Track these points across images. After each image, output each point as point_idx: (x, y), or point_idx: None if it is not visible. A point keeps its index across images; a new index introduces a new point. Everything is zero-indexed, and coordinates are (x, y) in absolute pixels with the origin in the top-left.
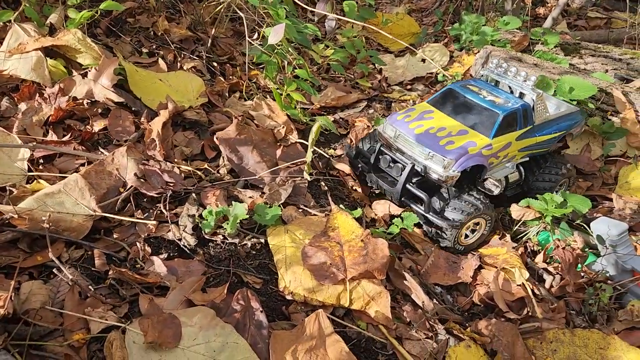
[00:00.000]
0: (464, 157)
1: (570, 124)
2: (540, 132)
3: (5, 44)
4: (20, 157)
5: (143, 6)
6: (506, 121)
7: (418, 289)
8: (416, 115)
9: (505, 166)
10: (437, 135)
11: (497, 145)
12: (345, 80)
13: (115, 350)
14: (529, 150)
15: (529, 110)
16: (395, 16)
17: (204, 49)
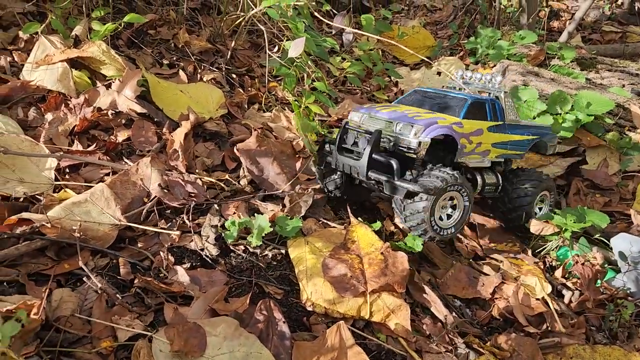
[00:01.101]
0: (434, 126)
1: (541, 132)
2: (512, 130)
3: (32, 55)
4: (47, 166)
5: (164, 18)
6: (475, 107)
7: (438, 302)
8: (382, 106)
9: (482, 159)
10: (406, 112)
11: (468, 126)
12: (362, 93)
13: (142, 358)
14: (502, 149)
15: (498, 105)
16: (411, 29)
17: (224, 61)
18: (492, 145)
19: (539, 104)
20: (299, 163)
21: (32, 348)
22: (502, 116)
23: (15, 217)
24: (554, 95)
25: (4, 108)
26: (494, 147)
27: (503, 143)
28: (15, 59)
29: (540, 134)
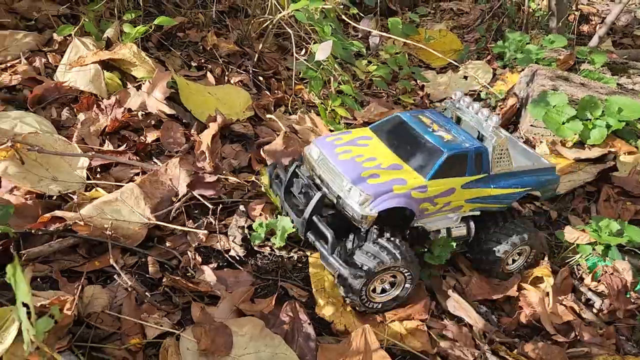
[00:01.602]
0: (386, 196)
1: (538, 181)
2: (496, 183)
3: (66, 56)
4: (79, 165)
5: (192, 21)
6: (451, 163)
7: (469, 309)
8: (349, 140)
9: (448, 217)
10: (363, 166)
11: (434, 189)
12: (388, 96)
13: (170, 356)
14: (480, 203)
15: (485, 155)
16: (438, 33)
17: (251, 63)
18: (466, 201)
19: (569, 109)
20: None
21: (65, 343)
22: (487, 168)
23: (49, 215)
24: (584, 100)
25: (39, 108)
26: (468, 203)
27: (482, 198)
28: (49, 61)
29: (536, 183)
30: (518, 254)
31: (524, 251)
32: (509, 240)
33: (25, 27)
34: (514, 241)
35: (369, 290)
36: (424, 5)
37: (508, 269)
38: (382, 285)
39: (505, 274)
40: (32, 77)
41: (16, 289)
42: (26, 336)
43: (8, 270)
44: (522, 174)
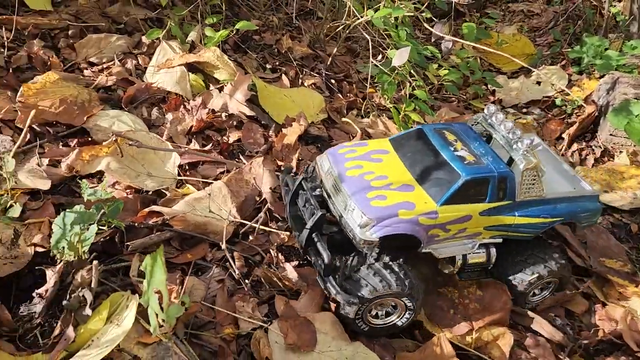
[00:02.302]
0: (389, 221)
1: (574, 211)
2: (522, 211)
3: (154, 59)
4: (171, 162)
5: (267, 24)
6: (468, 187)
7: (543, 322)
8: (363, 153)
9: (463, 243)
10: (371, 185)
11: (446, 215)
12: (458, 101)
13: (262, 347)
14: (501, 231)
15: (511, 181)
16: (511, 37)
17: (323, 66)
18: (484, 229)
19: None
20: None
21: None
22: (513, 194)
23: (148, 209)
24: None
25: (132, 107)
26: (487, 230)
27: (504, 226)
28: (139, 62)
29: (570, 214)
30: (543, 287)
31: (551, 284)
32: (535, 271)
33: (116, 30)
34: (540, 273)
35: (366, 314)
36: (492, 6)
37: (531, 301)
38: (383, 309)
39: (530, 304)
40: (124, 78)
41: (152, 277)
42: (154, 320)
43: (147, 259)
44: (555, 201)
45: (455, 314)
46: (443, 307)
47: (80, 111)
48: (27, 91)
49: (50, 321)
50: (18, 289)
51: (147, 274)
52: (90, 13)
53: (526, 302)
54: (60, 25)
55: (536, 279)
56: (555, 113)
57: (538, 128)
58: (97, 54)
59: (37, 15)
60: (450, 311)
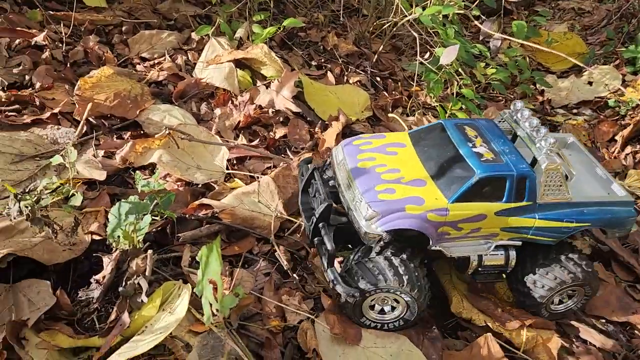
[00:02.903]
0: (395, 215)
1: (605, 218)
2: (543, 214)
3: (203, 54)
4: (219, 156)
5: (313, 21)
6: (483, 185)
7: (591, 331)
8: (379, 145)
9: (478, 243)
10: (382, 177)
11: (458, 213)
12: (506, 101)
13: (309, 338)
14: (520, 234)
15: (531, 181)
16: (562, 35)
17: (369, 63)
18: (501, 230)
19: None
20: None
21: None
22: (533, 196)
23: (198, 202)
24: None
25: (182, 102)
26: (505, 232)
27: (523, 228)
28: (189, 58)
29: (600, 220)
30: (568, 295)
31: (576, 292)
32: (556, 277)
33: (167, 26)
34: (561, 279)
35: (366, 307)
36: (541, 4)
37: (553, 309)
38: (383, 305)
39: (551, 314)
40: (175, 73)
41: (207, 267)
42: (207, 310)
43: (203, 250)
44: (583, 205)
45: (503, 312)
46: (489, 306)
47: (133, 105)
48: (84, 85)
49: (106, 306)
50: (76, 275)
51: (202, 264)
52: (143, 10)
53: (548, 310)
54: (114, 21)
55: (557, 286)
56: (607, 114)
57: (589, 129)
58: (149, 49)
59: (93, 12)
60: (499, 309)
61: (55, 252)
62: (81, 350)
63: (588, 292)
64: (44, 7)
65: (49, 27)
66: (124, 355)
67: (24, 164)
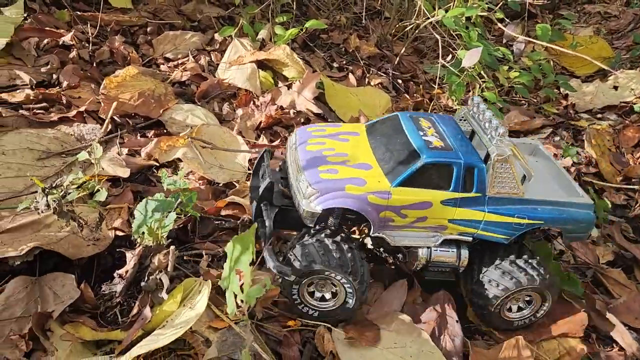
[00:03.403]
0: (335, 194)
1: (560, 217)
2: (494, 208)
3: (226, 55)
4: (241, 156)
5: (335, 23)
6: (428, 171)
7: (625, 333)
8: (332, 132)
9: (426, 234)
10: (327, 160)
11: (401, 197)
12: (529, 105)
13: (327, 342)
14: (470, 228)
15: (480, 172)
16: (587, 39)
17: (390, 66)
18: (450, 222)
19: None
20: None
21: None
22: (482, 187)
23: (229, 199)
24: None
25: (204, 102)
26: (454, 224)
27: (472, 222)
28: (212, 59)
29: (554, 220)
30: (527, 301)
31: (533, 300)
32: (513, 277)
33: (190, 27)
34: (518, 280)
35: (304, 293)
36: (566, 7)
37: (508, 317)
38: (323, 292)
39: (505, 322)
40: (198, 73)
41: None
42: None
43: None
44: (537, 203)
45: None
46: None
47: (156, 104)
48: (109, 84)
49: (128, 301)
50: (99, 269)
51: (230, 255)
52: (167, 11)
53: (502, 317)
54: (139, 22)
55: (514, 286)
56: (633, 119)
57: (614, 134)
58: (173, 50)
59: (119, 13)
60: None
61: (80, 247)
62: (104, 343)
63: (545, 301)
64: (71, 7)
65: (77, 28)
66: (145, 347)
67: (50, 160)
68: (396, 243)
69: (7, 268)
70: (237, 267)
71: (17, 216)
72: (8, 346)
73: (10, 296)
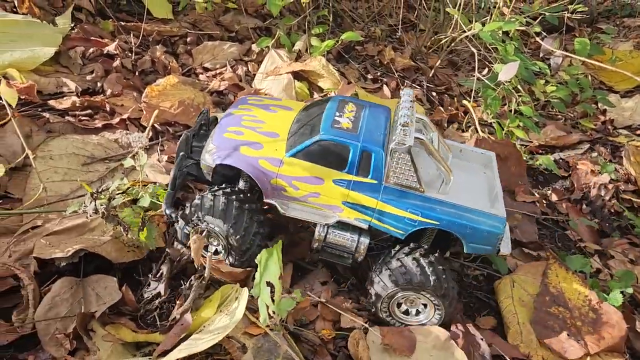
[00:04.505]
0: (229, 152)
1: (458, 222)
2: (389, 198)
3: (263, 66)
4: None
5: (370, 35)
6: (323, 149)
7: None
8: (266, 104)
9: (320, 212)
10: (241, 123)
11: (292, 168)
12: (565, 119)
13: (361, 349)
14: (363, 214)
15: (377, 158)
16: (627, 54)
17: (425, 78)
18: (343, 204)
19: None
20: None
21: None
22: (378, 175)
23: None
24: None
25: None
26: (347, 207)
27: (366, 208)
28: (249, 69)
29: (450, 221)
30: (424, 304)
31: (428, 304)
32: (391, 277)
33: (228, 38)
34: (393, 281)
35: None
36: (604, 21)
37: (401, 320)
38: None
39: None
40: (235, 83)
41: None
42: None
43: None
44: (436, 203)
45: (568, 337)
46: (555, 327)
47: (195, 113)
48: (151, 93)
49: (167, 305)
50: (138, 274)
51: (260, 267)
52: (207, 22)
53: (394, 317)
54: (179, 32)
55: (405, 283)
56: None
57: None
58: (211, 60)
59: (160, 23)
60: (563, 333)
61: (122, 251)
62: (142, 344)
63: (442, 307)
64: (115, 18)
65: (120, 37)
66: (184, 351)
67: (94, 165)
68: (287, 213)
69: (53, 269)
70: (267, 278)
71: (64, 219)
72: (53, 344)
73: (56, 296)
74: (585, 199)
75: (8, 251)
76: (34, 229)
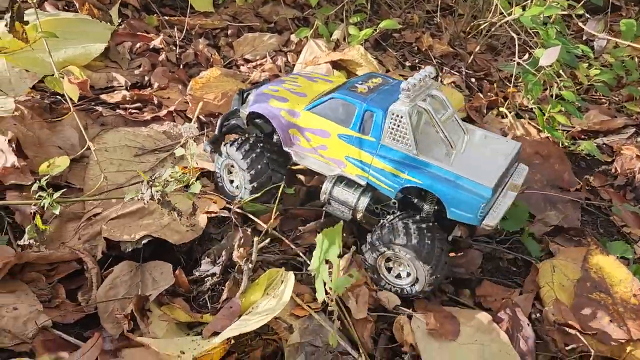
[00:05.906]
0: (261, 104)
1: (438, 186)
2: (382, 155)
3: (302, 56)
4: None
5: (407, 22)
6: (334, 106)
7: None
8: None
9: (327, 165)
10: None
11: (306, 120)
12: (610, 103)
13: (406, 333)
14: (363, 171)
15: (377, 118)
16: None
17: (463, 64)
18: (346, 159)
19: None
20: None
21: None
22: (377, 133)
23: None
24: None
25: None
26: (350, 162)
27: (363, 163)
28: (288, 59)
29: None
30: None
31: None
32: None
33: (267, 29)
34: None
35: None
36: None
37: (393, 283)
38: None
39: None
40: (275, 74)
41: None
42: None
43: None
44: (424, 165)
45: (611, 322)
46: (596, 314)
47: None
48: (195, 85)
49: (217, 287)
50: (190, 258)
51: (319, 247)
52: (246, 14)
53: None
54: (220, 25)
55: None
56: None
57: None
58: (252, 51)
59: (202, 16)
60: (606, 318)
61: (181, 233)
62: (194, 324)
63: (428, 271)
64: (160, 12)
65: (164, 32)
66: (235, 331)
67: (145, 156)
68: (300, 162)
69: (115, 252)
70: (326, 257)
71: (124, 205)
72: (111, 321)
73: (117, 277)
74: (629, 184)
75: (77, 234)
76: (96, 216)
